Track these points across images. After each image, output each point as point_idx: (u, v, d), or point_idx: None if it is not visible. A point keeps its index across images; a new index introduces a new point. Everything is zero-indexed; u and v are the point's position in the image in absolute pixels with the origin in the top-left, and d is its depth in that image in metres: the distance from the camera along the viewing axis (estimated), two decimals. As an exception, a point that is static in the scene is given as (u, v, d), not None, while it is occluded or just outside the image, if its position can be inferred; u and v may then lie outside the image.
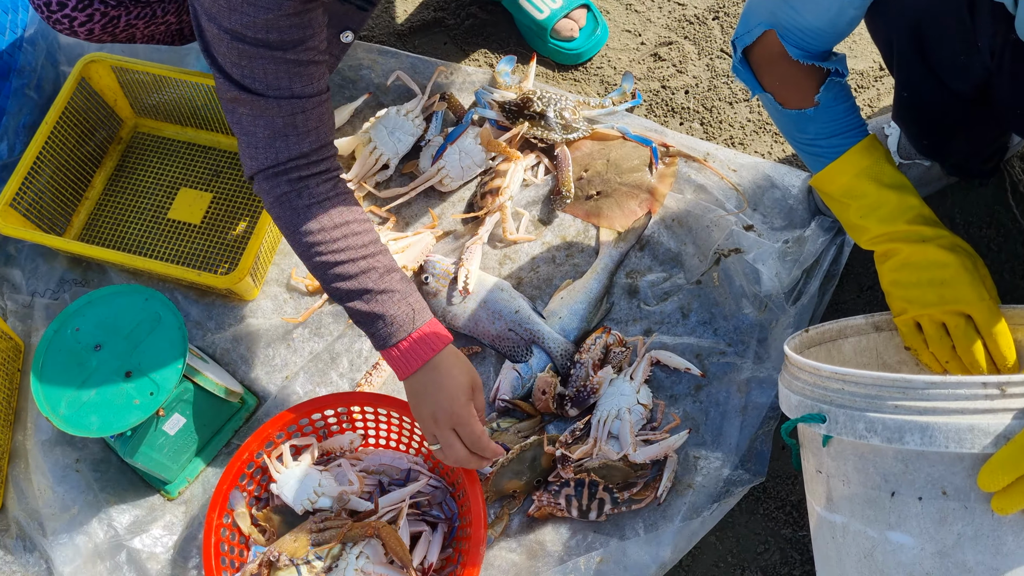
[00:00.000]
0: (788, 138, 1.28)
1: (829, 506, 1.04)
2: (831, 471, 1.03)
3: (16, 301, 1.60)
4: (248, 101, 1.16)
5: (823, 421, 0.98)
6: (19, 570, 1.41)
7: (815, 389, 1.01)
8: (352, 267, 1.19)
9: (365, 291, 1.19)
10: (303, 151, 1.19)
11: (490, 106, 1.62)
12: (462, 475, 1.28)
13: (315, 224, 1.19)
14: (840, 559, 1.03)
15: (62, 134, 1.59)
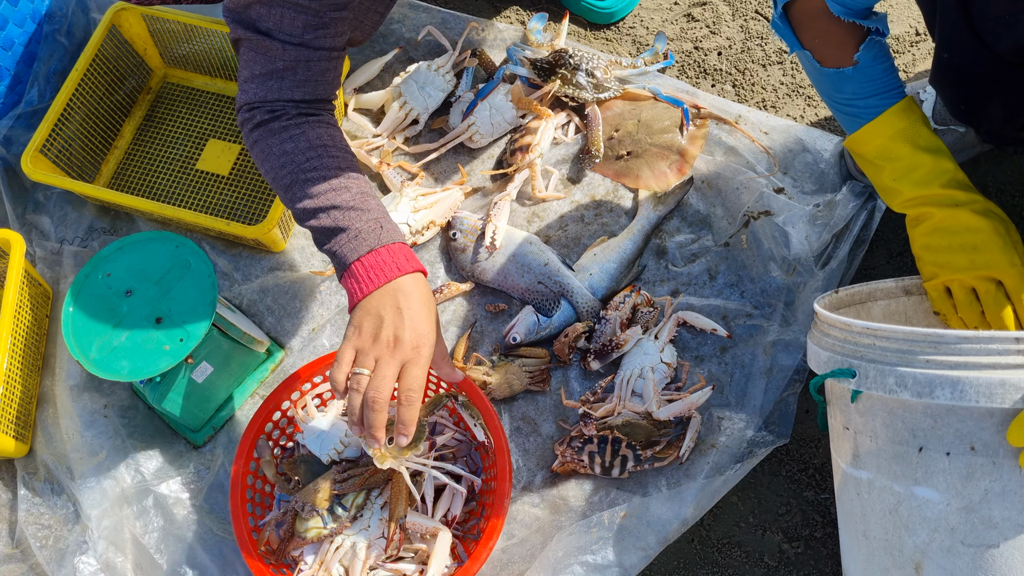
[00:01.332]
0: (824, 98, 1.26)
1: (855, 462, 1.04)
2: (858, 427, 1.03)
3: (45, 248, 1.61)
4: (254, 40, 1.14)
5: (853, 376, 0.99)
6: (47, 512, 1.43)
7: (845, 345, 1.01)
8: (323, 185, 1.12)
9: (333, 207, 1.11)
10: (294, 98, 1.17)
11: (521, 63, 1.61)
12: (488, 428, 1.29)
13: (290, 144, 1.16)
14: (864, 515, 1.04)
15: (92, 82, 1.59)
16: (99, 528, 1.37)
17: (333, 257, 1.13)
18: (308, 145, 1.16)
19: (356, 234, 1.11)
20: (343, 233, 1.11)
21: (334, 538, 1.29)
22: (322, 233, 1.13)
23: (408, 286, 1.10)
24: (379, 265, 1.10)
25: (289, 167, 1.15)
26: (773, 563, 1.33)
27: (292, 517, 1.31)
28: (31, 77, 1.62)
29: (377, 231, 1.11)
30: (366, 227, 1.11)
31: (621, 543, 1.26)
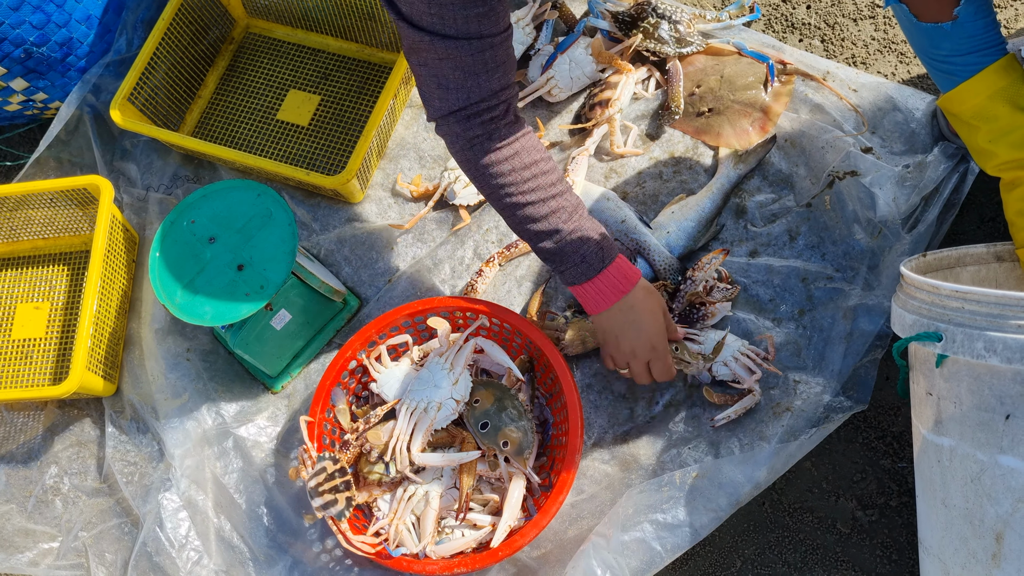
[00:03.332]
0: (919, 53, 1.21)
1: (937, 429, 1.02)
2: (942, 393, 1.00)
3: (131, 194, 1.65)
4: (437, 46, 1.12)
5: (939, 340, 0.96)
6: (133, 450, 1.49)
7: (932, 308, 0.98)
8: (542, 208, 1.21)
9: (555, 231, 1.22)
10: (493, 89, 1.17)
11: (603, 16, 1.59)
12: (560, 384, 1.29)
13: (506, 166, 1.20)
14: (944, 483, 1.02)
15: (177, 31, 1.62)
16: (182, 467, 1.42)
17: (561, 275, 1.26)
18: (523, 165, 1.21)
19: (582, 259, 1.23)
20: (569, 259, 1.24)
21: (408, 487, 1.31)
22: (548, 256, 1.25)
23: (637, 301, 1.26)
24: (605, 290, 1.25)
25: (507, 188, 1.21)
26: (846, 530, 1.32)
27: (358, 460, 1.33)
28: (120, 26, 1.65)
29: (599, 254, 1.24)
30: (589, 252, 1.23)
31: (692, 503, 1.26)
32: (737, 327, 1.40)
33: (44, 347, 1.58)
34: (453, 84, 1.15)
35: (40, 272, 1.64)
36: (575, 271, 1.24)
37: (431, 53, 1.13)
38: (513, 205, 1.22)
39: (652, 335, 1.27)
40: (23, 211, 1.58)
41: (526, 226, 1.23)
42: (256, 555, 1.39)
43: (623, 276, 1.26)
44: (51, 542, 1.46)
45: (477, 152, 1.20)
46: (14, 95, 1.60)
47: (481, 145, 1.20)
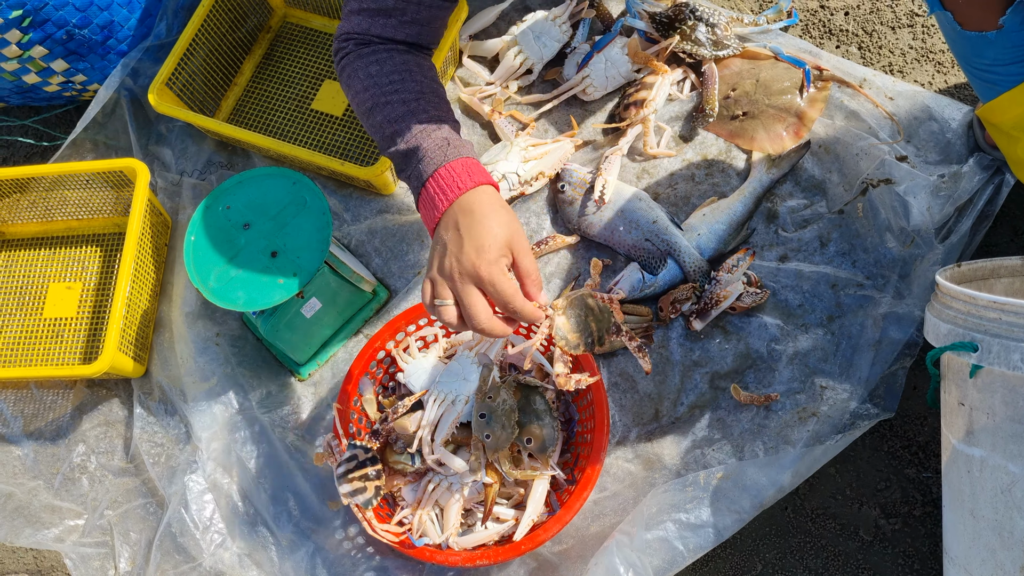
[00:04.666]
0: (961, 62, 1.21)
1: (968, 439, 1.02)
2: (975, 403, 1.00)
3: (166, 179, 1.66)
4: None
5: (974, 350, 0.96)
6: (160, 431, 1.50)
7: (968, 318, 0.98)
8: (400, 108, 1.09)
9: (407, 130, 1.06)
10: (396, 37, 1.14)
11: (640, 16, 1.59)
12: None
13: (375, 67, 1.13)
14: (974, 494, 1.02)
15: (216, 18, 1.63)
16: (208, 450, 1.44)
17: (411, 186, 1.07)
18: (393, 68, 1.10)
19: (424, 154, 1.04)
20: (413, 157, 1.05)
21: (432, 477, 1.32)
22: (400, 162, 1.08)
23: (476, 204, 1.00)
24: (442, 187, 1.02)
25: (372, 90, 1.11)
26: (868, 537, 1.32)
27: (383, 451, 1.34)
28: (160, 11, 1.66)
29: (443, 147, 1.04)
30: (432, 145, 1.03)
31: (715, 504, 1.26)
32: (765, 332, 1.40)
33: (75, 327, 1.59)
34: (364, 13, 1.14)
35: (73, 252, 1.66)
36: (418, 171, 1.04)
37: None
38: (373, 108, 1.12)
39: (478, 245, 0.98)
40: (58, 191, 1.60)
41: (381, 129, 1.09)
42: (279, 540, 1.40)
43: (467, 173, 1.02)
44: (77, 519, 1.48)
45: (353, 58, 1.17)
46: (54, 76, 1.62)
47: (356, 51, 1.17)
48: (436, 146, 1.04)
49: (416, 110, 1.08)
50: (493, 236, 0.98)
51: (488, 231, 0.99)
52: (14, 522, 1.47)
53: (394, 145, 1.08)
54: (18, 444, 1.55)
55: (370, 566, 1.37)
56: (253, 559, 1.39)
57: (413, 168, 1.05)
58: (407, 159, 1.06)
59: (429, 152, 1.03)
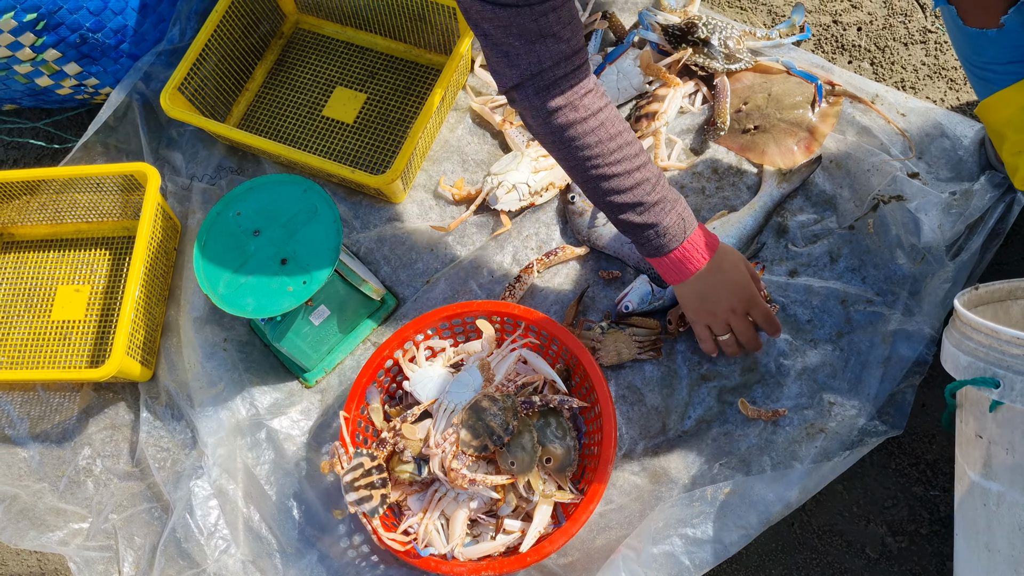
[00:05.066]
0: (961, 58, 1.22)
1: (986, 473, 1.00)
2: (994, 437, 0.99)
3: (176, 183, 1.66)
4: (499, 14, 1.09)
5: (996, 386, 0.94)
6: (167, 435, 1.50)
7: (990, 352, 0.96)
8: (627, 180, 1.21)
9: (639, 204, 1.22)
10: (563, 52, 1.13)
11: (653, 28, 1.59)
12: (596, 394, 1.29)
13: (592, 138, 1.18)
14: (990, 527, 1.00)
15: (229, 23, 1.63)
16: (214, 455, 1.43)
17: (643, 246, 1.27)
18: (608, 136, 1.19)
19: (665, 231, 1.24)
20: (652, 230, 1.24)
21: (439, 487, 1.32)
22: (630, 227, 1.25)
23: (719, 262, 1.28)
24: (690, 257, 1.26)
25: (593, 161, 1.20)
26: (874, 555, 1.31)
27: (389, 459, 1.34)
28: (174, 16, 1.67)
29: (681, 225, 1.25)
30: (672, 223, 1.24)
31: (722, 519, 1.26)
32: (773, 347, 1.40)
33: (83, 330, 1.59)
34: (521, 51, 1.12)
35: (82, 255, 1.66)
36: (658, 242, 1.24)
37: (492, 23, 1.10)
38: (598, 177, 1.20)
39: (744, 284, 1.29)
40: (68, 194, 1.60)
41: (609, 198, 1.22)
42: (284, 547, 1.39)
43: (705, 243, 1.27)
44: (81, 522, 1.48)
45: (560, 123, 1.17)
46: (66, 79, 1.62)
47: (563, 115, 1.17)
48: (675, 223, 1.24)
49: (641, 181, 1.21)
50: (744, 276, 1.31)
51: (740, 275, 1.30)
52: (19, 524, 1.47)
53: (624, 215, 1.24)
54: (24, 446, 1.55)
55: (374, 575, 1.37)
56: (257, 566, 1.39)
57: (654, 239, 1.25)
58: (643, 229, 1.24)
59: (671, 230, 1.24)
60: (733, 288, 1.29)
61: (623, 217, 1.23)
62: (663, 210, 1.23)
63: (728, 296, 1.29)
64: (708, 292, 1.29)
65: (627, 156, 1.20)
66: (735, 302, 1.29)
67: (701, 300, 1.30)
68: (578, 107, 1.16)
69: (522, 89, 1.16)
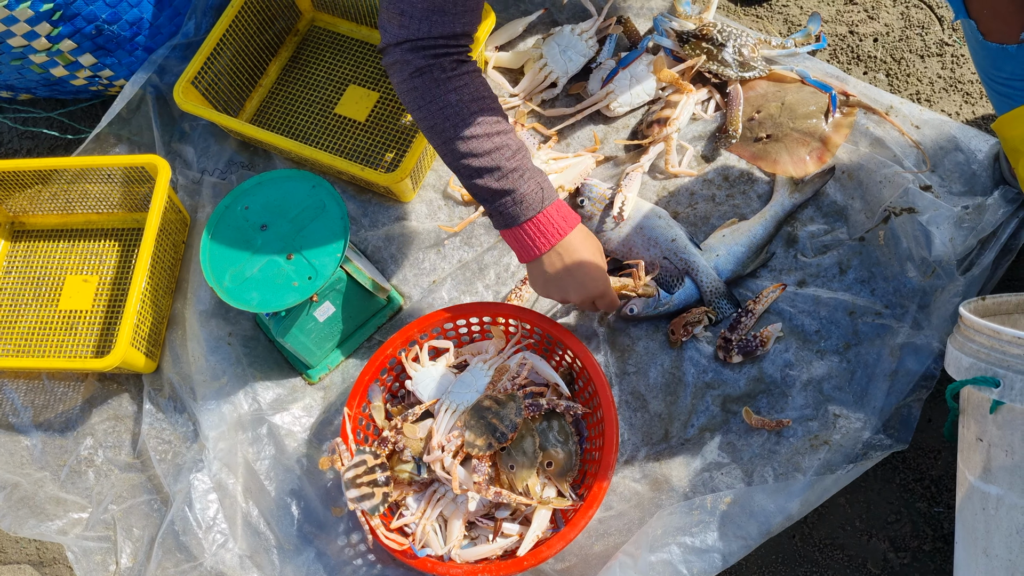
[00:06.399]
0: (980, 72, 1.21)
1: (985, 476, 1.00)
2: (994, 440, 0.98)
3: (187, 177, 1.67)
4: None
5: (996, 386, 0.94)
6: (168, 428, 1.50)
7: (992, 353, 0.96)
8: (486, 143, 1.18)
9: (496, 168, 1.19)
10: (455, 31, 1.17)
11: (667, 34, 1.58)
12: (599, 399, 1.29)
13: (453, 96, 1.18)
14: (988, 531, 1.00)
15: (245, 19, 1.64)
16: (215, 449, 1.43)
17: (498, 216, 1.22)
18: (470, 98, 1.19)
19: (521, 198, 1.20)
20: (508, 197, 1.20)
21: (438, 488, 1.31)
22: (486, 194, 1.21)
23: (576, 243, 1.23)
24: (543, 231, 1.21)
25: (451, 121, 1.19)
26: (876, 570, 1.30)
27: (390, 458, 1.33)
28: (190, 9, 1.67)
29: (539, 194, 1.20)
30: (529, 191, 1.20)
31: (722, 529, 1.25)
32: (779, 357, 1.39)
33: (89, 320, 1.60)
34: (418, 14, 1.15)
35: (91, 246, 1.66)
36: (513, 210, 1.20)
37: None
38: (455, 138, 1.19)
39: (593, 277, 1.25)
40: (80, 185, 1.61)
41: (465, 161, 1.19)
42: (281, 543, 1.39)
43: (563, 217, 1.23)
44: (81, 512, 1.48)
45: (425, 80, 1.19)
46: (81, 70, 1.63)
47: (430, 74, 1.18)
48: (532, 191, 1.20)
49: (500, 146, 1.19)
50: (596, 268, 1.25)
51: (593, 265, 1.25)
52: (19, 512, 1.47)
53: (479, 179, 1.20)
54: (27, 434, 1.55)
55: (371, 574, 1.36)
56: (254, 561, 1.38)
57: (510, 206, 1.20)
58: (497, 196, 1.20)
59: (527, 197, 1.20)
60: (584, 279, 1.25)
61: (478, 182, 1.20)
62: (521, 177, 1.19)
63: (578, 286, 1.25)
64: (560, 275, 1.24)
65: (487, 120, 1.19)
66: (585, 294, 1.26)
67: (549, 282, 1.26)
68: (444, 68, 1.18)
69: (400, 47, 1.18)
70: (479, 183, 1.20)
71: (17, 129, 1.82)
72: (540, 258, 1.24)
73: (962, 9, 1.15)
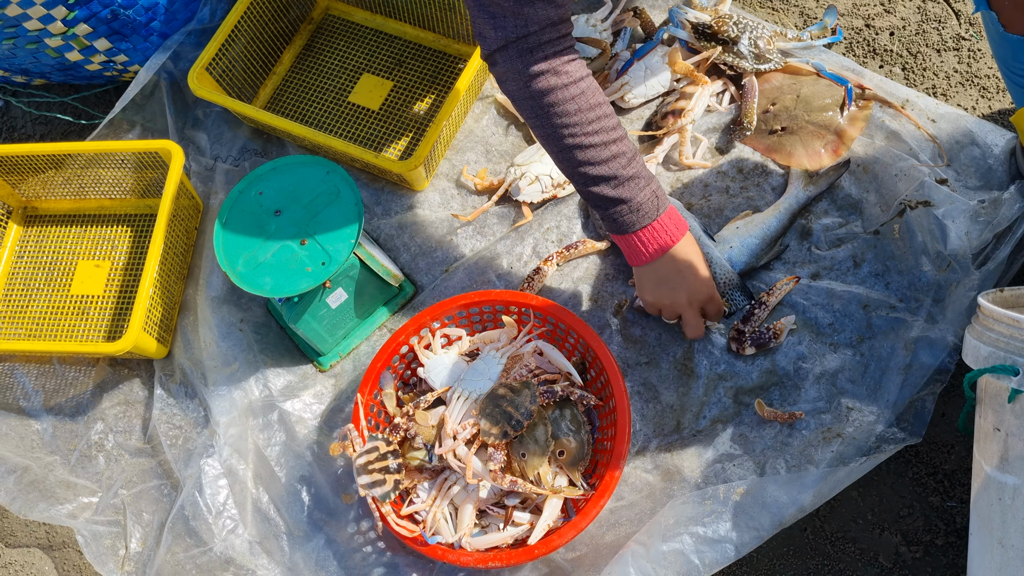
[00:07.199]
0: (1000, 65, 1.20)
1: (1003, 466, 0.99)
2: (1012, 429, 0.98)
3: (200, 163, 1.67)
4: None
5: (1015, 374, 0.94)
6: (179, 413, 1.50)
7: (1011, 341, 0.96)
8: (603, 151, 1.19)
9: (613, 177, 1.20)
10: (550, 18, 1.13)
11: (683, 26, 1.58)
12: (611, 388, 1.28)
13: (572, 105, 1.17)
14: (1004, 522, 0.99)
15: (260, 6, 1.64)
16: (226, 435, 1.43)
17: (612, 222, 1.25)
18: (588, 106, 1.18)
19: (637, 207, 1.22)
20: (624, 205, 1.22)
21: (449, 475, 1.31)
22: (602, 201, 1.23)
23: (687, 251, 1.28)
24: (656, 237, 1.25)
25: (570, 129, 1.18)
26: (888, 564, 1.29)
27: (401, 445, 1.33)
28: (205, -4, 1.68)
29: (654, 203, 1.23)
30: (645, 200, 1.22)
31: (734, 520, 1.24)
32: (792, 350, 1.39)
33: (101, 305, 1.60)
34: (508, 11, 1.11)
35: (104, 231, 1.66)
36: (629, 218, 1.23)
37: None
38: (573, 147, 1.19)
39: (703, 281, 1.29)
40: (93, 170, 1.61)
41: (582, 169, 1.20)
42: (291, 529, 1.39)
43: (675, 225, 1.26)
44: (91, 496, 1.48)
45: (540, 88, 1.16)
46: (96, 55, 1.63)
47: (545, 80, 1.16)
48: (648, 200, 1.22)
49: (617, 154, 1.20)
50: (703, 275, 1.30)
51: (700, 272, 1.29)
52: (29, 495, 1.48)
53: (596, 187, 1.22)
54: (37, 418, 1.55)
55: (380, 561, 1.36)
56: (264, 547, 1.38)
57: (626, 214, 1.23)
58: (614, 203, 1.22)
59: (644, 206, 1.22)
60: (694, 282, 1.28)
61: (595, 190, 1.21)
62: (637, 186, 1.21)
63: (688, 289, 1.29)
64: (671, 278, 1.28)
65: (604, 128, 1.19)
66: (693, 296, 1.29)
67: (661, 285, 1.29)
68: (560, 72, 1.16)
69: (505, 51, 1.15)
70: (595, 190, 1.22)
71: (31, 114, 1.82)
72: (651, 264, 1.27)
73: (983, 1, 1.14)
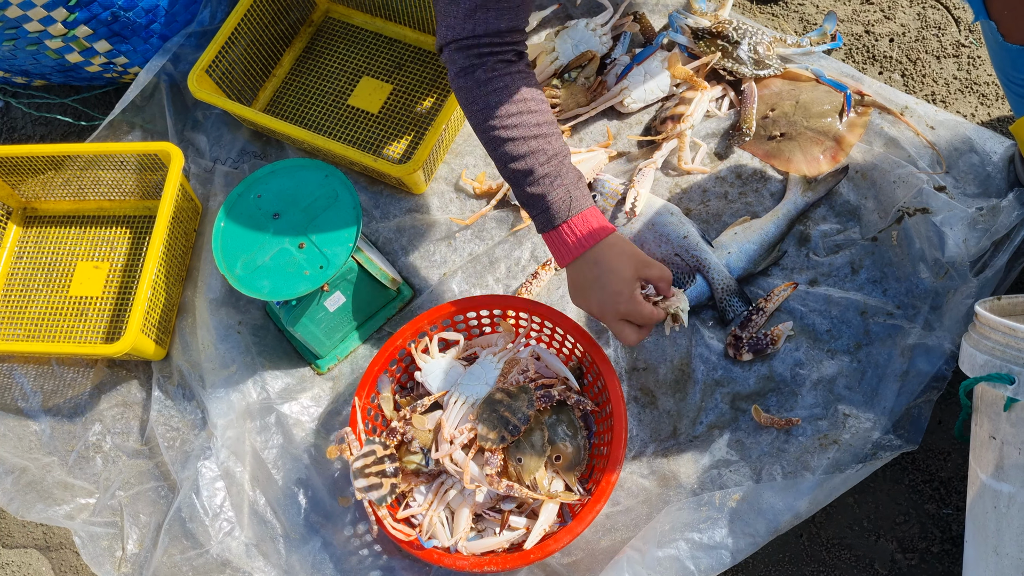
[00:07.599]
0: (999, 74, 1.20)
1: (998, 474, 0.99)
2: (1007, 437, 0.98)
3: (199, 165, 1.67)
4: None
5: (1011, 382, 0.94)
6: (177, 415, 1.50)
7: (1007, 350, 0.96)
8: (522, 146, 1.19)
9: (530, 172, 1.19)
10: (499, 28, 1.18)
11: (682, 31, 1.58)
12: (608, 393, 1.28)
13: (494, 98, 1.19)
14: (999, 530, 0.99)
15: (260, 9, 1.64)
16: (223, 437, 1.43)
17: (535, 220, 1.23)
18: (510, 99, 1.19)
19: (548, 205, 1.20)
20: (540, 202, 1.20)
21: (445, 480, 1.31)
22: (522, 198, 1.22)
23: (604, 255, 1.20)
24: (570, 240, 1.20)
25: (491, 122, 1.19)
26: (883, 571, 1.29)
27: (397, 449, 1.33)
28: (205, -2, 1.68)
29: (567, 202, 1.20)
30: (557, 199, 1.19)
31: (730, 526, 1.24)
32: (790, 356, 1.39)
33: (100, 306, 1.60)
34: (462, 13, 1.17)
35: (103, 233, 1.67)
36: (542, 217, 1.21)
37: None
38: (496, 140, 1.20)
39: (615, 291, 1.19)
40: (92, 171, 1.61)
41: (507, 164, 1.20)
42: (288, 532, 1.39)
43: (589, 229, 1.20)
44: (88, 498, 1.48)
45: (468, 80, 1.20)
46: (96, 56, 1.63)
47: (472, 74, 1.19)
48: (561, 200, 1.19)
49: (536, 150, 1.19)
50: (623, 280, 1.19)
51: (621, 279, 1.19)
52: (26, 496, 1.48)
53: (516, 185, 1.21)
54: (35, 419, 1.55)
55: (376, 565, 1.36)
56: (260, 549, 1.38)
57: (538, 215, 1.21)
58: (531, 201, 1.21)
59: (553, 206, 1.19)
60: (603, 294, 1.20)
61: (518, 190, 1.21)
62: (551, 184, 1.19)
63: (599, 300, 1.21)
64: (586, 285, 1.22)
65: (526, 123, 1.19)
66: (606, 307, 1.20)
67: (578, 292, 1.24)
68: (488, 68, 1.19)
69: (449, 48, 1.20)
70: (517, 188, 1.22)
71: (31, 115, 1.82)
72: (570, 266, 1.23)
73: (982, 10, 1.14)
